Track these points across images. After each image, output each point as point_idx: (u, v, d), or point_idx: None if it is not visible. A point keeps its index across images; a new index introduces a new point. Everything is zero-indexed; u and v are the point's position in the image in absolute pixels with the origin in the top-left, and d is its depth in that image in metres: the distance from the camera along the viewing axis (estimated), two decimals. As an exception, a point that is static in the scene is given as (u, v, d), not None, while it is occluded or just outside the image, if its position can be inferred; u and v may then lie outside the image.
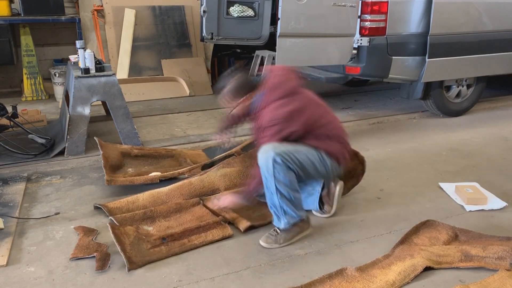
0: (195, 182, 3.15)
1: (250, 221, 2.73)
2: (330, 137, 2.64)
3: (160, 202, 3.00)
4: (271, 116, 2.49)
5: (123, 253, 2.36)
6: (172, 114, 5.18)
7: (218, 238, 2.61)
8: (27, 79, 5.78)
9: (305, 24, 4.12)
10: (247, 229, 2.69)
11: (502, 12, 4.85)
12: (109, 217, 2.78)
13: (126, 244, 2.45)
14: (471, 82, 5.12)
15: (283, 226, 2.57)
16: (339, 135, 2.69)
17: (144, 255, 2.43)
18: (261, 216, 2.82)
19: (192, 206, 2.93)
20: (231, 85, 2.58)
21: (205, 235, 2.62)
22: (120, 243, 2.42)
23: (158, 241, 2.53)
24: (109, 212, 2.84)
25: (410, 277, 2.23)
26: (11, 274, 2.31)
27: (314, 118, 2.59)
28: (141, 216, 2.78)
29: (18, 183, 3.34)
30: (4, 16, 5.41)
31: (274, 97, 2.53)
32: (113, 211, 2.87)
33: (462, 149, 4.13)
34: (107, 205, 2.93)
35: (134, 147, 3.75)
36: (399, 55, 4.50)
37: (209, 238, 2.60)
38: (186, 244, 2.55)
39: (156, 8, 6.21)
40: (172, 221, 2.78)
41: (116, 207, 2.91)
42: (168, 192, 3.07)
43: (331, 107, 3.43)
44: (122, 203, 2.95)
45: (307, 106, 2.58)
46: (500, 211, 2.97)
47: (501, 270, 2.25)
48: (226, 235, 2.64)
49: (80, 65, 3.85)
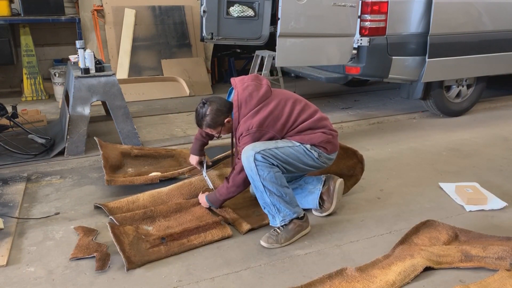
0: (195, 182, 3.15)
1: (250, 224, 2.73)
2: (313, 129, 2.67)
3: (160, 202, 3.00)
4: (246, 126, 2.56)
5: (122, 253, 2.36)
6: (172, 114, 5.18)
7: (217, 239, 2.61)
8: (27, 79, 5.78)
9: (305, 24, 4.12)
10: (247, 232, 2.69)
11: (502, 12, 4.85)
12: (109, 217, 2.78)
13: (125, 243, 2.45)
14: (471, 82, 5.12)
15: (279, 223, 2.58)
16: (322, 125, 2.71)
17: (143, 255, 2.43)
18: (261, 217, 2.82)
19: (192, 206, 2.93)
20: (208, 117, 2.62)
21: (205, 235, 2.62)
22: (119, 242, 2.42)
23: (157, 241, 2.53)
24: (109, 212, 2.85)
25: (410, 277, 2.23)
26: (11, 274, 2.31)
27: (293, 116, 2.63)
28: (141, 215, 2.78)
29: (18, 183, 3.34)
30: (4, 16, 5.42)
31: (248, 109, 2.58)
32: (113, 210, 2.88)
33: (462, 149, 4.13)
34: (107, 204, 2.93)
35: (134, 147, 3.75)
36: (399, 55, 4.50)
37: (208, 238, 2.60)
38: (185, 244, 2.55)
39: (156, 8, 6.22)
40: (172, 221, 2.78)
41: (116, 207, 2.91)
42: (168, 192, 3.07)
43: (331, 107, 3.43)
44: (123, 202, 2.95)
45: (283, 107, 2.63)
46: (500, 211, 2.97)
47: (501, 270, 2.25)
48: (225, 235, 2.64)
49: (80, 65, 3.85)
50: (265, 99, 2.61)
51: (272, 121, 2.58)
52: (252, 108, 2.57)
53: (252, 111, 2.57)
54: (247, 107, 2.58)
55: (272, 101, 2.62)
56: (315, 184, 2.85)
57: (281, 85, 5.52)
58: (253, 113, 2.57)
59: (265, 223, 2.75)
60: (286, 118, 2.61)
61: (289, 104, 2.66)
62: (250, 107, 2.58)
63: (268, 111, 2.57)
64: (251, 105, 2.58)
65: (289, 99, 2.68)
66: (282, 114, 2.61)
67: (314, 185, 2.85)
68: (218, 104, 2.63)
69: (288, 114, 2.62)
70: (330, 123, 2.79)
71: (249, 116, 2.57)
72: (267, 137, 2.58)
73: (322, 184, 2.83)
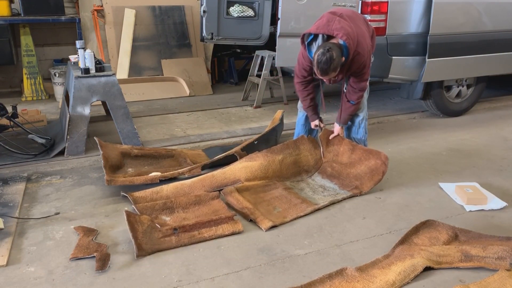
0: (217, 175, 3.22)
1: (272, 221, 2.77)
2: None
3: (183, 193, 3.07)
4: (362, 53, 3.05)
5: (134, 240, 2.44)
6: (172, 114, 5.18)
7: (228, 233, 2.66)
8: (27, 79, 5.78)
9: (305, 24, 4.11)
10: (269, 229, 2.72)
11: (502, 12, 4.85)
12: (132, 206, 2.86)
13: (139, 231, 2.53)
14: (471, 82, 5.12)
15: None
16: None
17: (153, 244, 2.50)
18: (282, 213, 2.87)
19: (211, 199, 2.98)
20: (336, 61, 2.87)
21: (216, 229, 2.68)
22: (133, 230, 2.50)
23: (169, 231, 2.60)
24: (133, 201, 2.94)
25: (410, 277, 2.23)
26: (11, 274, 2.31)
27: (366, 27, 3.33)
28: (161, 206, 2.86)
29: (18, 183, 3.34)
30: (4, 16, 5.41)
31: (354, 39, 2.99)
32: (137, 200, 2.98)
33: (462, 149, 4.13)
34: (133, 194, 3.02)
35: (134, 147, 3.75)
36: (399, 55, 4.50)
37: (219, 232, 2.66)
38: (196, 236, 2.61)
39: (156, 8, 6.21)
40: (190, 213, 2.85)
41: (141, 196, 3.01)
42: (191, 184, 3.15)
43: (331, 107, 3.44)
44: (147, 192, 3.05)
45: (358, 24, 3.17)
46: (500, 211, 2.97)
47: (501, 270, 2.26)
48: (236, 230, 2.68)
49: (80, 65, 3.85)
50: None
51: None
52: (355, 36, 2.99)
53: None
54: (353, 39, 2.98)
55: (356, 20, 3.14)
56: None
57: (281, 85, 5.52)
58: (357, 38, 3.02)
59: (286, 221, 2.80)
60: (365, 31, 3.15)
61: (359, 17, 3.23)
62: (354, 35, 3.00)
63: (363, 29, 3.14)
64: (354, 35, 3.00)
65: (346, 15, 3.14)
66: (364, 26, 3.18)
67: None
68: (336, 47, 2.89)
69: (362, 30, 3.13)
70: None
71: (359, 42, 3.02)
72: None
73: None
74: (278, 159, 3.34)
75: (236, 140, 4.28)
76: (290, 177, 3.35)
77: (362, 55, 3.04)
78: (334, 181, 3.30)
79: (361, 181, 3.21)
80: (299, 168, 3.41)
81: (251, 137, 4.11)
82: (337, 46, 2.91)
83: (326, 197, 3.11)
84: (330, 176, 3.35)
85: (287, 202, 3.00)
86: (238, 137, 4.36)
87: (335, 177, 3.33)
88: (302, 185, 3.30)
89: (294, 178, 3.37)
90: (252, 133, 4.40)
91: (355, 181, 3.22)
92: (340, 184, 3.25)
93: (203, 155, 3.85)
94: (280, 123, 4.19)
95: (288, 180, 3.32)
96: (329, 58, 2.84)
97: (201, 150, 4.00)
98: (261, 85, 5.37)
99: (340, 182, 3.27)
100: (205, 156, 3.84)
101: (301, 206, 2.96)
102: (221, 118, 5.01)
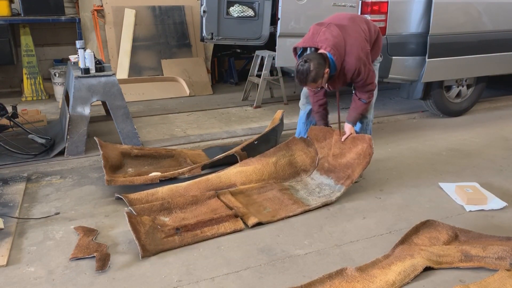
0: (212, 178, 3.22)
1: (258, 218, 2.78)
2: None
3: (178, 195, 3.06)
4: (355, 59, 2.99)
5: (137, 241, 2.45)
6: (172, 114, 5.17)
7: (229, 231, 2.67)
8: (27, 79, 5.78)
9: (305, 24, 4.12)
10: (254, 225, 2.74)
11: (502, 12, 4.85)
12: (129, 207, 2.85)
13: (142, 232, 2.53)
14: (471, 82, 5.12)
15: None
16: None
17: (157, 244, 2.51)
18: (271, 213, 2.88)
19: (208, 199, 2.99)
20: (313, 72, 2.87)
21: (218, 227, 2.69)
22: (135, 231, 2.51)
23: (172, 231, 2.61)
24: (129, 203, 2.94)
25: (410, 277, 2.23)
26: (11, 274, 2.31)
27: (366, 27, 3.23)
28: (158, 207, 2.85)
29: (18, 183, 3.34)
30: (4, 16, 5.41)
31: (342, 48, 2.96)
32: (133, 201, 2.97)
33: (462, 149, 4.13)
34: (128, 195, 3.02)
35: (134, 147, 3.75)
36: (399, 55, 4.50)
37: (221, 230, 2.67)
38: (199, 235, 2.62)
39: (156, 8, 6.21)
40: (188, 213, 2.85)
41: (136, 198, 3.00)
42: (186, 186, 3.15)
43: (331, 107, 3.45)
44: (142, 194, 3.04)
45: (356, 27, 3.11)
46: (500, 211, 2.97)
47: (501, 270, 2.26)
48: (237, 228, 2.70)
49: (80, 65, 3.85)
50: (343, 32, 3.01)
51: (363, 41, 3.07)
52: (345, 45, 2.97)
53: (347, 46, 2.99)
54: (339, 49, 2.95)
55: (347, 28, 3.03)
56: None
57: (281, 85, 5.52)
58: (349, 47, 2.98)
59: (273, 220, 2.81)
60: (364, 33, 3.08)
61: (356, 22, 3.11)
62: (342, 45, 2.96)
63: (356, 36, 3.03)
64: (341, 44, 2.97)
65: (347, 18, 3.11)
66: (361, 31, 3.07)
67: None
68: (317, 59, 2.89)
69: (362, 30, 3.07)
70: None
71: (350, 51, 2.98)
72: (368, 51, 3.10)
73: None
74: (272, 161, 3.35)
75: (236, 140, 4.28)
76: (288, 178, 3.35)
77: (351, 64, 2.99)
78: (330, 175, 3.29)
79: (352, 168, 3.20)
80: (296, 169, 3.41)
81: (251, 137, 4.11)
82: (321, 58, 2.92)
83: (320, 198, 3.11)
84: (327, 171, 3.34)
85: (278, 203, 3.01)
86: (238, 137, 4.36)
87: (331, 171, 3.32)
88: (300, 185, 3.30)
89: (293, 179, 3.36)
90: (252, 133, 4.41)
91: (347, 170, 3.21)
92: (335, 178, 3.24)
93: (203, 155, 3.85)
94: (280, 123, 4.18)
95: (286, 181, 3.32)
96: (306, 69, 2.87)
97: (201, 150, 4.00)
98: (261, 85, 5.37)
99: (335, 176, 3.26)
100: (205, 156, 3.84)
101: (292, 207, 2.96)
102: (221, 118, 5.01)
